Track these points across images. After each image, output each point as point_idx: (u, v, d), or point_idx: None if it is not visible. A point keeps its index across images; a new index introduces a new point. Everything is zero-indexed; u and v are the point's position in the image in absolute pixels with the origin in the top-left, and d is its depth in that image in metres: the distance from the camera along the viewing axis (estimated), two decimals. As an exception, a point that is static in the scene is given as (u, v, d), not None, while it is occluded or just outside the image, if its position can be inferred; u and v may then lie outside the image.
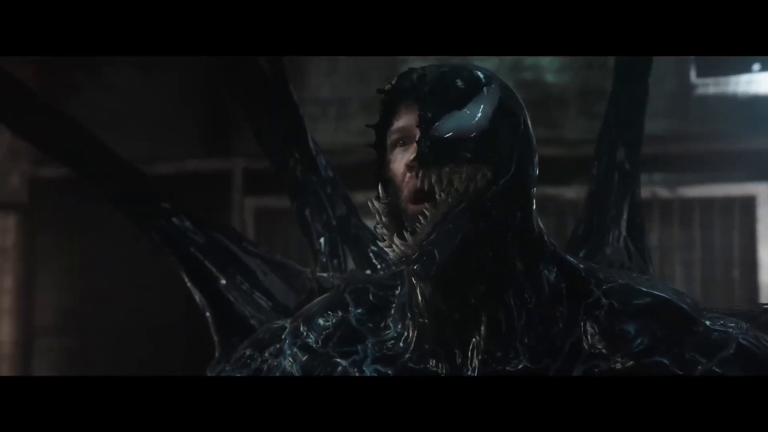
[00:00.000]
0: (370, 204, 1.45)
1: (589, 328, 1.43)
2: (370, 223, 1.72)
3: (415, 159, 1.37)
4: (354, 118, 5.51)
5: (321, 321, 1.58)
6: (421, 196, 1.39)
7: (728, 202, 5.13)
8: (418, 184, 1.38)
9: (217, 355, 1.89)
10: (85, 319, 5.24)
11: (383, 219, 1.43)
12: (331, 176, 2.03)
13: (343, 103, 5.58)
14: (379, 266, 1.91)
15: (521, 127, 1.44)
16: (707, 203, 5.16)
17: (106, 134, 1.95)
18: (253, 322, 1.88)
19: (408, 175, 1.41)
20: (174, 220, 1.93)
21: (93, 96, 4.62)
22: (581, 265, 1.51)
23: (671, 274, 5.12)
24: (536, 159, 1.47)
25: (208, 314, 1.92)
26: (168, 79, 5.40)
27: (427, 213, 1.38)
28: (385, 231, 1.43)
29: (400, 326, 1.52)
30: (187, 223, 1.93)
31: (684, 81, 5.36)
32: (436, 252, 1.37)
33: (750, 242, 5.11)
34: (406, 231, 1.39)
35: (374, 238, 1.69)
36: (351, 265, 1.98)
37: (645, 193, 2.01)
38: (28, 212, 5.18)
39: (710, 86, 5.40)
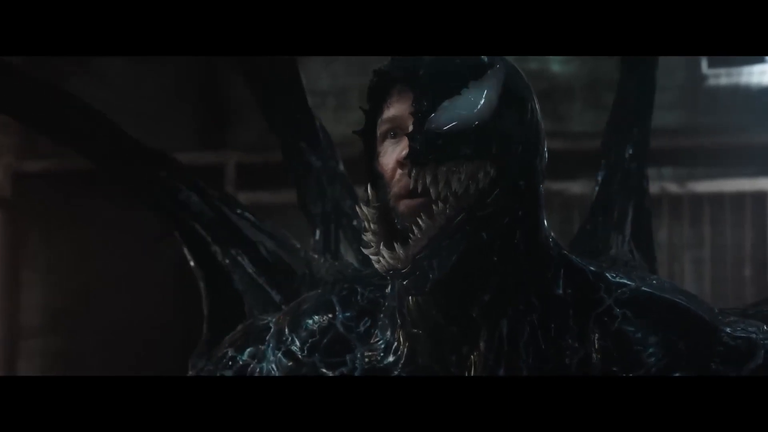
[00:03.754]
0: (358, 209, 1.30)
1: (599, 342, 1.30)
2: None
3: (407, 156, 1.21)
4: (353, 108, 5.41)
5: (306, 325, 1.44)
6: (414, 194, 1.23)
7: (739, 198, 5.04)
8: (411, 184, 1.22)
9: (204, 333, 1.81)
10: (72, 318, 5.17)
11: (371, 226, 1.27)
12: (335, 166, 1.94)
13: (342, 94, 5.52)
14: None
15: (528, 114, 1.27)
16: (717, 198, 5.06)
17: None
18: (244, 300, 1.79)
19: (399, 172, 1.25)
20: (169, 184, 1.82)
21: (81, 86, 4.51)
22: (590, 267, 1.36)
23: (680, 271, 5.03)
24: (544, 150, 1.31)
25: (200, 286, 1.86)
26: (161, 70, 5.37)
27: (421, 223, 1.21)
28: (372, 238, 1.27)
29: (389, 333, 1.37)
30: (183, 188, 1.82)
31: (694, 72, 5.34)
32: (429, 269, 1.21)
33: (762, 239, 5.02)
34: (396, 242, 1.23)
35: None
36: (344, 257, 1.91)
37: (653, 188, 1.94)
38: (11, 207, 5.08)
39: (722, 78, 5.36)
